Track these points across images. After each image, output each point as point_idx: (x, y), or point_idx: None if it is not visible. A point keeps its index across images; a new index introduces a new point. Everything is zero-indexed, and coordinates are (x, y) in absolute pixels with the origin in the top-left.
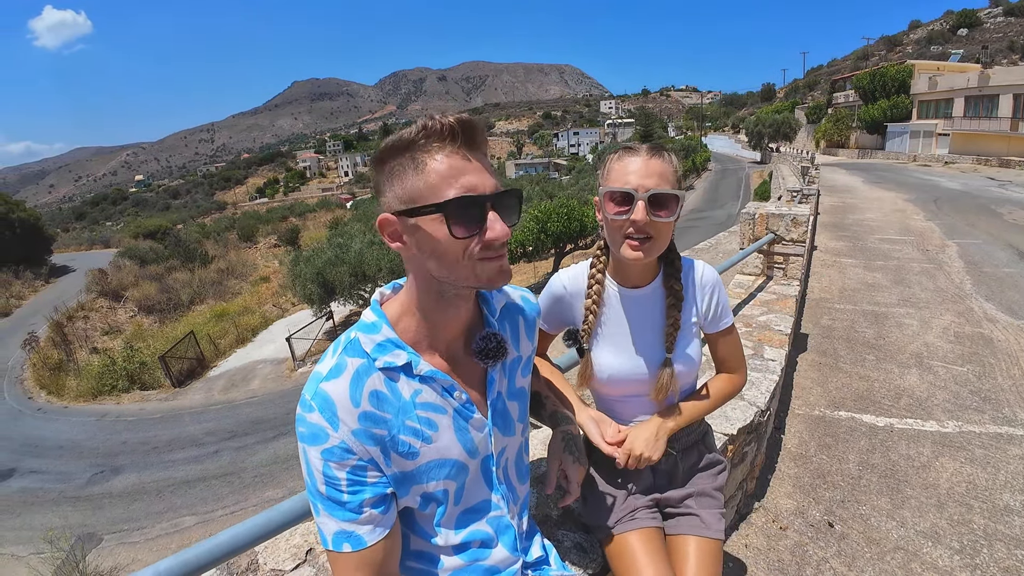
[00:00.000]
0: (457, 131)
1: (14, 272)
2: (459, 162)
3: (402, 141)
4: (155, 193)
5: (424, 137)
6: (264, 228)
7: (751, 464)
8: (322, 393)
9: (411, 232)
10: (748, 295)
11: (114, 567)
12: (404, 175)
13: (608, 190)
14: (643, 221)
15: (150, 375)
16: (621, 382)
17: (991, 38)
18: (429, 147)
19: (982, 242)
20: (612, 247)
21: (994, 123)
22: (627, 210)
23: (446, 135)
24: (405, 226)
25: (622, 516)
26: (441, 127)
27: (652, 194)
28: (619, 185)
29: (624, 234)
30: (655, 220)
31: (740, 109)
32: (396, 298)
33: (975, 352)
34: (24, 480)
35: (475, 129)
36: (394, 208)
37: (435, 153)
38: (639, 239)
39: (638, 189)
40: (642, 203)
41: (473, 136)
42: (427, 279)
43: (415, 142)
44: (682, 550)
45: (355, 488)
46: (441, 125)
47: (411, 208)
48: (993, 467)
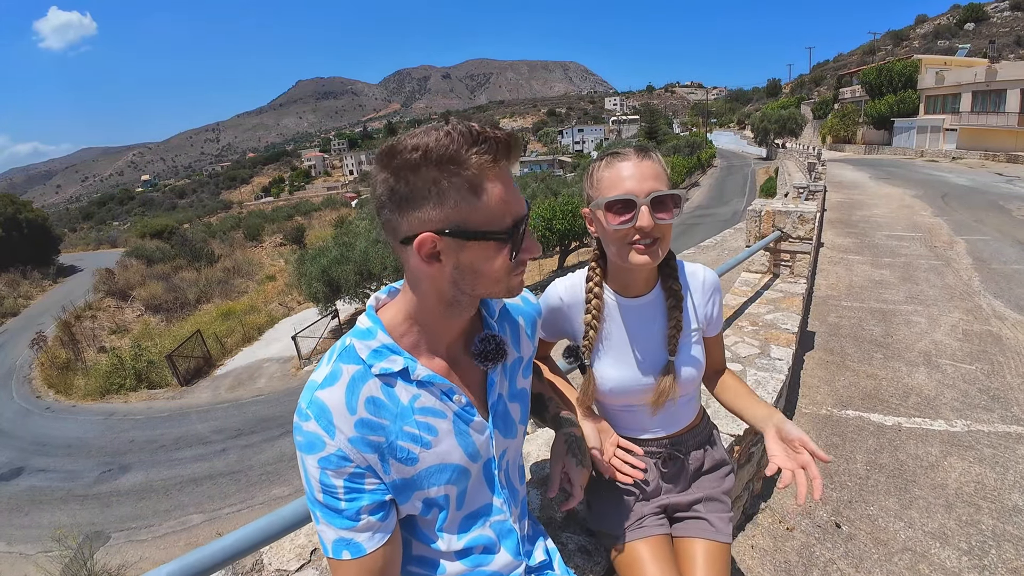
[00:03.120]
0: (510, 148)
1: (22, 272)
2: (508, 188)
3: (447, 154)
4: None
5: (475, 154)
6: (270, 227)
7: (758, 464)
8: (317, 401)
9: (456, 252)
10: (754, 293)
11: (122, 565)
12: (458, 195)
13: (607, 200)
14: (650, 226)
15: (157, 374)
16: (623, 393)
17: (998, 32)
18: (481, 164)
19: (991, 238)
20: (616, 258)
21: (1002, 118)
22: (631, 217)
23: (501, 157)
24: (451, 246)
25: (630, 524)
26: (497, 145)
27: (653, 197)
28: (618, 193)
29: (629, 242)
30: (659, 223)
31: (746, 105)
32: (393, 303)
33: (984, 350)
34: (32, 479)
35: (518, 145)
36: (439, 227)
37: (489, 174)
38: (646, 244)
39: (638, 194)
40: (646, 208)
41: (517, 152)
42: (444, 290)
43: (465, 160)
44: (690, 554)
45: (352, 496)
46: (496, 142)
47: (468, 232)
48: (1002, 467)
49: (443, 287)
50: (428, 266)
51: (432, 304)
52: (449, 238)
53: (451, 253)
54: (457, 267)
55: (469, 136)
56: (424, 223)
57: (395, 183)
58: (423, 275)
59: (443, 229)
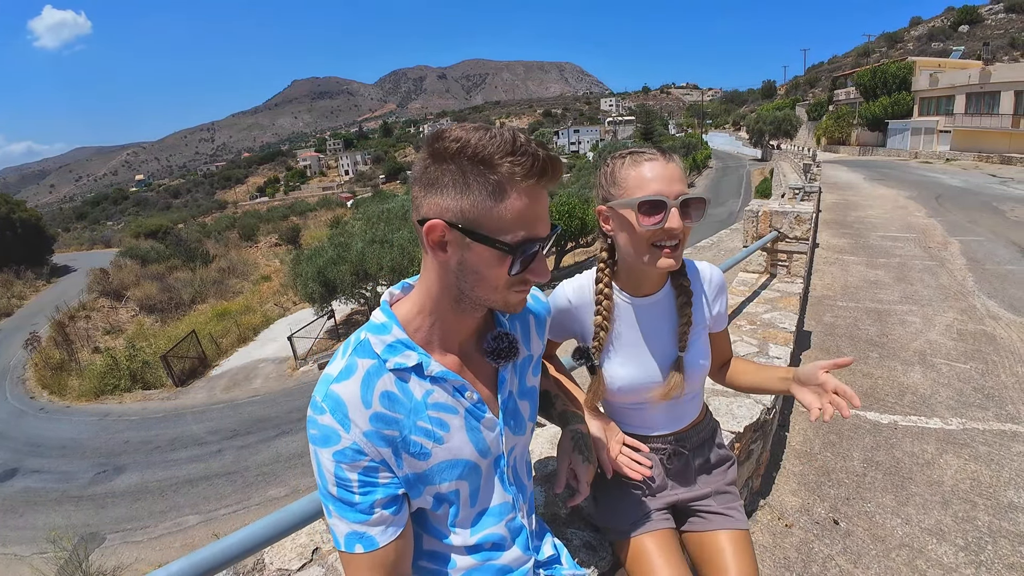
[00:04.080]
0: (547, 169)
1: (15, 272)
2: (535, 205)
3: (482, 154)
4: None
5: (509, 163)
6: (265, 227)
7: (757, 462)
8: (333, 395)
9: (461, 248)
10: (752, 293)
11: (117, 566)
12: (477, 191)
13: (639, 200)
14: (679, 228)
15: (152, 374)
16: (633, 391)
17: (992, 35)
18: (512, 173)
19: (984, 239)
20: (636, 259)
21: (995, 120)
22: (660, 219)
23: (534, 175)
24: (457, 240)
25: (635, 519)
26: (533, 163)
27: (683, 200)
28: (648, 193)
29: (653, 243)
30: (685, 226)
31: (741, 106)
32: (407, 299)
33: (978, 349)
34: (27, 480)
35: (558, 170)
36: (450, 217)
37: (519, 183)
38: (671, 246)
39: (669, 196)
40: (675, 209)
41: (555, 176)
42: (450, 286)
43: (499, 166)
44: (718, 546)
45: (366, 489)
46: (533, 160)
47: (476, 232)
48: (997, 464)
49: (449, 281)
50: (435, 254)
51: (441, 297)
52: (458, 232)
53: (457, 248)
54: (461, 264)
55: (511, 144)
56: (441, 210)
57: (429, 164)
58: (431, 263)
59: (455, 221)
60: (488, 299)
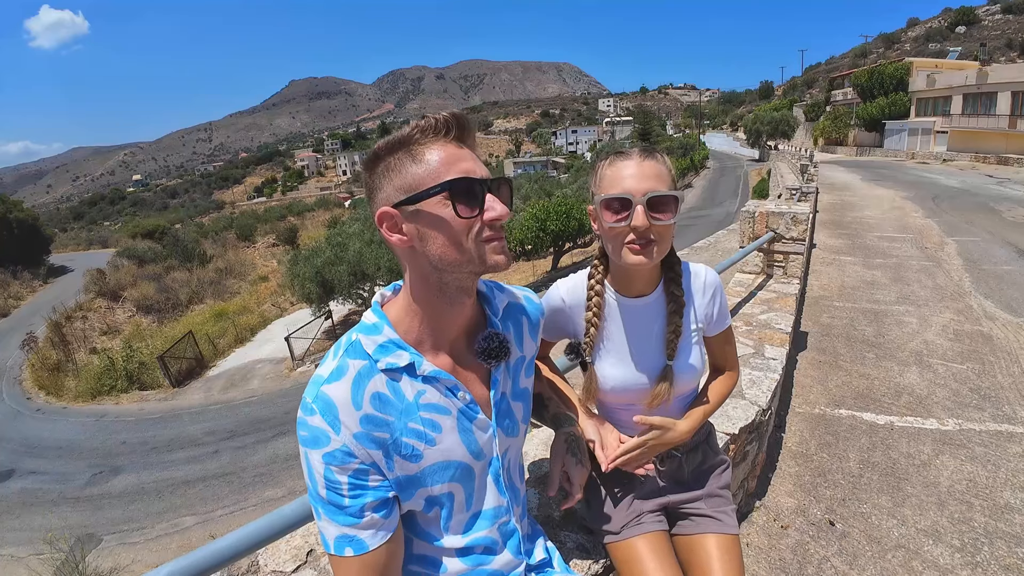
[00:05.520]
0: (452, 124)
1: (12, 272)
2: (455, 150)
3: (398, 138)
4: (153, 193)
5: (420, 133)
6: (262, 227)
7: (752, 463)
8: (323, 396)
9: (413, 219)
10: (748, 293)
11: (114, 567)
12: (402, 168)
13: (604, 198)
14: (644, 226)
15: (149, 375)
16: (623, 392)
17: (989, 35)
18: (424, 140)
19: (981, 240)
20: (612, 255)
21: (992, 120)
22: (626, 216)
23: (441, 129)
24: (407, 215)
25: (628, 521)
26: (436, 122)
27: (650, 197)
28: (615, 192)
29: (624, 241)
30: (655, 223)
31: (738, 107)
32: (397, 299)
33: (975, 350)
34: (23, 481)
35: (467, 122)
36: (393, 200)
37: (431, 145)
38: (641, 244)
39: (635, 193)
40: (641, 207)
41: (466, 129)
42: (427, 273)
43: (411, 138)
44: (705, 549)
45: (356, 492)
46: (436, 120)
47: (413, 195)
48: (993, 465)
49: (424, 267)
50: (399, 242)
51: (425, 290)
52: (401, 207)
53: (409, 221)
54: (421, 236)
55: (420, 121)
56: (385, 200)
57: (367, 176)
58: (404, 258)
59: (397, 201)
60: (463, 263)
